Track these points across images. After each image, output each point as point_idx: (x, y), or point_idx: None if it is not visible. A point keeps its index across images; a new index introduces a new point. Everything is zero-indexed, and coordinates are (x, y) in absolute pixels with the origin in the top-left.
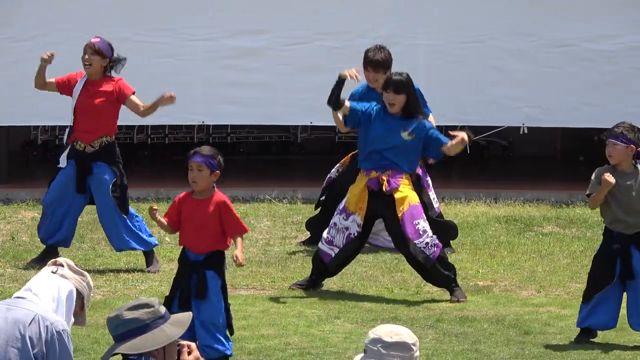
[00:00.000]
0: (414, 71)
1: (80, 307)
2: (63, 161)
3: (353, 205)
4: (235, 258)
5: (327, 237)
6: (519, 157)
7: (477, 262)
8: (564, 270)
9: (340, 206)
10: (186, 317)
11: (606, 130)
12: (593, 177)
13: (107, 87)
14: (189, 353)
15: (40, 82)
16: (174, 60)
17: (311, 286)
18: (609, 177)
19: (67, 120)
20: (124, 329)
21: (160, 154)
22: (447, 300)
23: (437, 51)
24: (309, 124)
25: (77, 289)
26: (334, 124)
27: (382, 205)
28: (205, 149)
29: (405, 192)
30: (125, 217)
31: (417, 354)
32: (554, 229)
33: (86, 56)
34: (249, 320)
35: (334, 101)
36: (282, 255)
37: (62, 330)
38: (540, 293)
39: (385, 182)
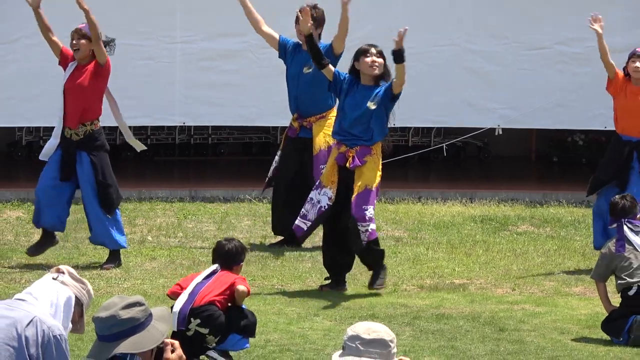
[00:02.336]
0: None
1: (79, 314)
2: (50, 149)
3: (326, 179)
4: None
5: (302, 212)
6: (494, 158)
7: (453, 260)
8: (538, 269)
9: (317, 181)
10: (165, 311)
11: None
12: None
13: (92, 68)
14: (172, 351)
15: (42, 29)
16: (154, 62)
17: (337, 285)
18: None
19: (51, 121)
20: (120, 329)
21: (143, 154)
22: (423, 298)
23: (412, 54)
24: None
25: (76, 296)
26: None
27: (349, 179)
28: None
29: (366, 173)
30: (104, 211)
31: (395, 350)
32: (528, 228)
33: (74, 41)
34: None
35: (317, 60)
36: (262, 254)
37: (59, 334)
38: (514, 291)
39: (350, 159)
